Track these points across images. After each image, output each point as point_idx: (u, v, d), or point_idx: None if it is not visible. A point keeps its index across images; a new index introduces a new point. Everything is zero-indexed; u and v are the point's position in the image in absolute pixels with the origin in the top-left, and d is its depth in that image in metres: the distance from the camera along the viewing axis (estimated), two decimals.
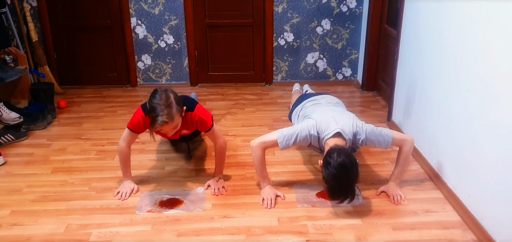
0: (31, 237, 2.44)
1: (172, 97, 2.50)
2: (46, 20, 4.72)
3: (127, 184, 2.87)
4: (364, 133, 2.66)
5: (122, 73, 5.02)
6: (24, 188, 2.94)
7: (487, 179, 2.36)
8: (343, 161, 2.38)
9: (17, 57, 4.18)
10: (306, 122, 2.78)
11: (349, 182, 2.43)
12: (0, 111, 3.67)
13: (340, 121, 2.70)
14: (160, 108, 2.44)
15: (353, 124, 2.69)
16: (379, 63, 4.67)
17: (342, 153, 2.42)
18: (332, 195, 2.51)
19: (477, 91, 2.44)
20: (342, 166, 2.38)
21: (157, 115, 2.43)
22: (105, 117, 4.18)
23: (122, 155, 2.82)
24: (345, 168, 2.38)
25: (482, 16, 2.39)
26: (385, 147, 2.71)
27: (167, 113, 2.45)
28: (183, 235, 2.46)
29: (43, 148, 3.53)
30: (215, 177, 2.95)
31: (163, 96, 2.47)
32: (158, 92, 2.50)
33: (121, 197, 2.80)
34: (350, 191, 2.46)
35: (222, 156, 2.94)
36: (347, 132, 2.64)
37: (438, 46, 2.94)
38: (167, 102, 2.46)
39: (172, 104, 2.48)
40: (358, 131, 2.67)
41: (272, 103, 4.56)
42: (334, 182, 2.42)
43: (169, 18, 4.77)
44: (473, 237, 2.43)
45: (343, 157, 2.40)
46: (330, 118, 2.72)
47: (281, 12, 4.77)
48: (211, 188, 2.88)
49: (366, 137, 2.66)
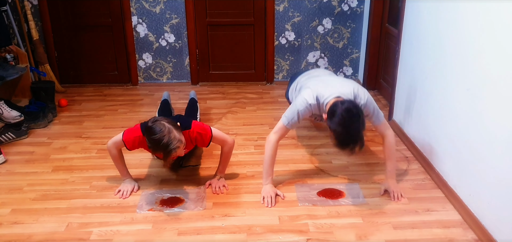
0: (32, 235, 2.44)
1: (166, 122, 2.48)
2: (47, 19, 4.72)
3: (127, 183, 2.87)
4: (364, 97, 2.64)
5: (123, 71, 5.02)
6: (25, 187, 2.94)
7: (487, 178, 2.36)
8: (348, 106, 2.37)
9: (18, 56, 4.18)
10: (302, 93, 2.76)
11: (356, 127, 2.37)
12: (1, 110, 3.67)
13: (338, 84, 2.70)
14: (167, 138, 2.42)
15: (354, 87, 2.67)
16: (380, 62, 4.66)
17: (346, 101, 2.42)
18: (341, 144, 2.43)
19: (478, 90, 2.44)
20: (348, 111, 2.35)
21: (169, 147, 2.42)
22: (105, 116, 4.18)
23: (114, 157, 2.81)
24: (351, 113, 2.35)
25: (483, 15, 2.39)
26: (374, 122, 2.74)
27: (174, 138, 2.44)
28: (183, 233, 2.46)
29: (44, 147, 3.53)
30: (216, 175, 2.95)
31: (160, 126, 2.44)
32: (153, 128, 2.45)
33: (122, 195, 2.80)
34: (358, 137, 2.40)
35: (228, 156, 2.92)
36: (347, 93, 2.60)
37: (439, 45, 2.93)
38: (168, 129, 2.44)
39: (171, 129, 2.46)
40: (358, 93, 2.65)
41: (273, 102, 4.55)
42: (341, 128, 2.36)
43: (170, 16, 4.77)
44: (473, 236, 2.42)
45: (348, 104, 2.39)
46: (328, 83, 2.72)
47: (282, 11, 4.77)
48: (212, 186, 2.88)
49: (366, 102, 2.64)
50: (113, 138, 2.77)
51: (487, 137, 2.35)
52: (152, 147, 2.50)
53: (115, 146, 2.78)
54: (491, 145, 2.31)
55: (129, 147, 2.72)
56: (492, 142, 2.30)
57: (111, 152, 2.79)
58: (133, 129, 2.71)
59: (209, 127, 2.79)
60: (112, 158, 2.83)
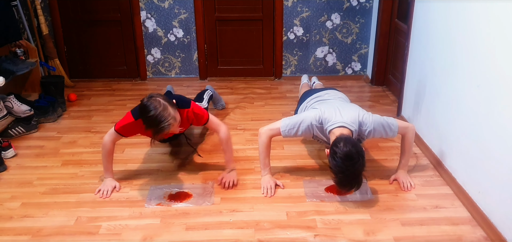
0: (42, 229, 2.47)
1: (161, 99, 2.48)
2: (56, 13, 4.74)
3: (108, 182, 2.85)
4: (371, 124, 2.66)
5: (131, 66, 5.03)
6: (35, 180, 2.97)
7: (497, 175, 2.34)
8: (350, 151, 2.37)
9: (28, 50, 4.21)
10: (310, 112, 2.79)
11: (355, 172, 2.42)
12: (11, 104, 3.70)
13: (345, 112, 2.70)
14: (161, 116, 2.42)
15: (359, 114, 2.68)
16: (389, 58, 4.64)
17: (349, 143, 2.41)
18: (340, 185, 2.51)
19: (488, 87, 2.42)
20: (348, 156, 2.37)
21: (162, 123, 2.42)
22: (114, 111, 4.20)
23: (106, 151, 2.80)
24: (351, 159, 2.37)
25: (494, 11, 2.36)
26: (391, 137, 2.73)
27: (169, 116, 2.44)
28: (191, 228, 2.47)
29: (53, 141, 3.56)
30: (227, 169, 2.94)
31: (155, 103, 2.44)
32: (148, 104, 2.45)
33: (102, 195, 2.79)
34: (357, 181, 2.46)
35: (229, 144, 2.90)
36: (352, 123, 2.63)
37: (449, 41, 2.91)
38: (162, 106, 2.45)
39: (166, 105, 2.46)
40: (363, 121, 2.66)
41: (281, 97, 4.55)
42: (341, 174, 2.42)
43: (179, 12, 4.77)
44: (482, 234, 2.41)
45: (350, 146, 2.39)
46: (335, 109, 2.72)
47: (290, 6, 4.76)
48: (223, 179, 2.87)
49: (374, 128, 2.66)
50: (108, 132, 2.79)
51: (497, 134, 2.33)
52: (146, 123, 2.48)
53: (111, 140, 2.78)
54: (501, 142, 2.30)
55: (124, 133, 2.74)
56: (502, 139, 2.29)
57: (105, 146, 2.78)
58: (124, 118, 2.75)
59: (207, 111, 2.86)
60: (104, 152, 2.80)
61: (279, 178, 2.94)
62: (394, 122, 2.72)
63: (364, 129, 2.67)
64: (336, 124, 2.62)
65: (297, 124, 2.72)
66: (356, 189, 2.53)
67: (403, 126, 2.77)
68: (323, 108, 2.74)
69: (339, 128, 2.60)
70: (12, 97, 3.73)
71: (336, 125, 2.62)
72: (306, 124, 2.71)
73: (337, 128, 2.61)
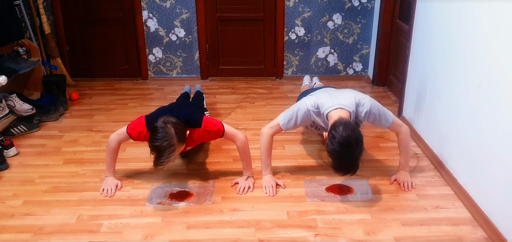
0: (43, 227, 2.48)
1: (173, 130, 2.45)
2: (58, 13, 4.76)
3: (110, 181, 2.86)
4: (368, 105, 2.64)
5: (133, 66, 5.04)
6: (37, 179, 2.98)
7: (498, 176, 2.34)
8: (348, 136, 2.33)
9: (30, 49, 4.21)
10: (305, 99, 2.78)
11: (353, 158, 2.39)
12: (13, 103, 3.71)
13: (340, 95, 2.70)
14: (164, 150, 2.42)
15: (355, 96, 2.67)
16: (391, 58, 4.64)
17: (348, 127, 2.37)
18: (336, 170, 2.46)
19: (490, 88, 2.42)
20: (346, 142, 2.33)
21: (162, 158, 2.44)
22: (116, 110, 4.21)
23: (111, 149, 2.80)
24: (349, 145, 2.34)
25: (496, 12, 2.36)
26: (384, 126, 2.73)
27: (171, 152, 2.45)
28: (192, 227, 2.48)
29: (55, 139, 3.57)
30: (244, 175, 2.91)
31: (164, 135, 2.42)
32: (158, 130, 2.44)
33: (107, 193, 2.79)
34: (353, 167, 2.42)
35: (245, 153, 2.85)
36: (348, 104, 2.61)
37: (451, 42, 2.91)
38: (168, 141, 2.43)
39: (173, 140, 2.44)
40: (360, 102, 2.65)
41: (282, 97, 4.55)
42: (338, 159, 2.39)
43: (181, 11, 4.78)
44: (483, 234, 2.41)
45: (349, 131, 2.35)
46: (330, 94, 2.72)
47: (292, 6, 4.76)
48: (238, 185, 2.85)
49: (370, 109, 2.64)
50: (117, 131, 2.79)
51: (498, 135, 2.34)
52: (150, 147, 2.48)
53: (119, 139, 2.78)
54: (502, 142, 2.30)
55: (133, 136, 2.73)
56: (503, 140, 2.29)
57: (111, 144, 2.78)
58: (138, 123, 2.72)
59: (221, 123, 2.78)
60: (109, 150, 2.81)
61: (280, 178, 2.94)
62: (390, 114, 2.73)
63: (361, 110, 2.63)
64: (333, 106, 2.59)
65: (294, 113, 2.71)
66: (352, 174, 2.47)
67: (397, 122, 2.76)
68: (318, 95, 2.73)
69: (337, 110, 2.57)
70: (14, 96, 3.74)
71: (333, 107, 2.59)
72: (303, 111, 2.70)
73: (334, 110, 2.57)
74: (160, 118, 2.51)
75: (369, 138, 3.51)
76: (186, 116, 2.67)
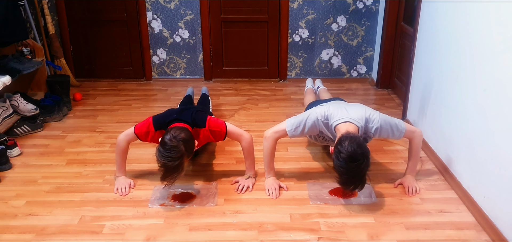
0: (46, 227, 2.48)
1: (182, 147, 2.45)
2: (63, 13, 4.77)
3: (122, 180, 2.87)
4: (378, 122, 2.63)
5: (137, 67, 5.05)
6: (39, 179, 2.98)
7: (502, 180, 2.33)
8: (354, 151, 2.33)
9: (34, 50, 4.23)
10: (315, 108, 2.78)
11: (359, 173, 2.38)
12: (17, 103, 3.72)
13: (351, 108, 2.69)
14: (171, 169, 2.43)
15: (366, 112, 2.66)
16: (395, 61, 4.62)
17: (354, 142, 2.36)
18: (343, 185, 2.47)
19: (494, 91, 2.41)
20: (352, 157, 2.32)
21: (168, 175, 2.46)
22: (119, 111, 4.21)
23: (120, 149, 2.82)
24: (355, 160, 2.33)
25: (501, 15, 2.35)
26: (398, 137, 2.71)
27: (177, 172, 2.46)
28: (195, 229, 2.47)
29: (59, 140, 3.57)
30: (246, 174, 2.92)
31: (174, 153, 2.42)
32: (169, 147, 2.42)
33: (121, 192, 2.80)
34: (360, 182, 2.42)
35: (250, 153, 2.87)
36: (358, 119, 2.60)
37: (455, 45, 2.90)
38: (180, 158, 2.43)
39: (183, 158, 2.45)
40: (369, 118, 2.64)
41: (286, 99, 4.55)
42: (344, 174, 2.38)
43: (185, 13, 4.78)
44: (487, 239, 2.40)
45: (355, 146, 2.34)
46: (341, 106, 2.71)
47: (296, 8, 4.75)
48: (238, 183, 2.87)
49: (380, 126, 2.63)
50: (125, 131, 2.80)
51: (503, 139, 2.32)
52: (158, 162, 2.47)
53: (127, 140, 2.80)
54: (507, 147, 2.28)
55: (141, 137, 2.75)
56: (508, 144, 2.27)
57: (120, 144, 2.80)
58: (145, 124, 2.73)
59: (224, 123, 2.79)
60: (119, 151, 2.83)
61: (283, 180, 2.93)
62: (402, 124, 2.70)
63: (371, 126, 2.64)
64: (341, 119, 2.60)
65: (303, 121, 2.70)
66: (360, 189, 2.50)
67: (411, 129, 2.75)
68: (328, 105, 2.74)
69: (345, 124, 2.57)
70: (18, 96, 3.75)
71: (341, 120, 2.59)
72: (312, 120, 2.69)
73: (343, 123, 2.58)
74: (171, 132, 2.49)
75: (373, 141, 3.46)
76: (192, 117, 2.70)
